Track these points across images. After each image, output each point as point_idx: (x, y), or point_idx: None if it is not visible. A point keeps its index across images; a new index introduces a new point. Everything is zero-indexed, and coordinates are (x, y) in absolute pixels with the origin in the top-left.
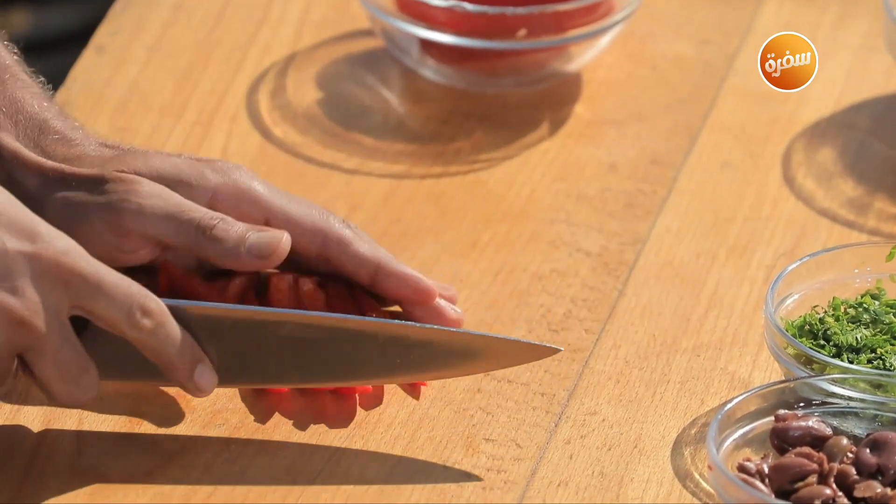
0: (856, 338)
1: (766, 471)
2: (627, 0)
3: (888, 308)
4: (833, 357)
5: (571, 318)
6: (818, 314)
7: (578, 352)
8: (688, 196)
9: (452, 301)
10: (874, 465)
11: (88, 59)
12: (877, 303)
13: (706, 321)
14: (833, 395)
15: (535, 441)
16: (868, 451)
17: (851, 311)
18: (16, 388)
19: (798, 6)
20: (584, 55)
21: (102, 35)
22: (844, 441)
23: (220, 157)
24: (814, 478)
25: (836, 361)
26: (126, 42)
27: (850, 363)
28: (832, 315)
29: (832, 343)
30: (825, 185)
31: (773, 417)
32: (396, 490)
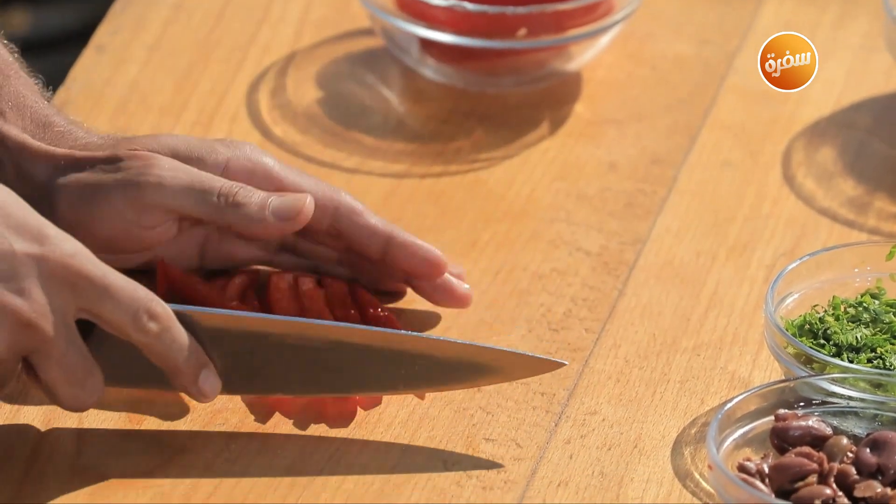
0: (856, 337)
1: (767, 470)
2: (627, 0)
3: (888, 307)
4: (833, 356)
5: (571, 318)
6: (818, 313)
7: (578, 351)
8: (688, 196)
9: (461, 279)
10: (874, 465)
11: (88, 59)
12: (877, 302)
13: (706, 321)
14: (833, 395)
15: (535, 441)
16: (868, 451)
17: (851, 311)
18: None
19: (798, 6)
20: (584, 55)
21: (102, 35)
22: (844, 441)
23: None
24: (814, 477)
25: (836, 361)
26: (126, 42)
27: (850, 362)
28: (832, 314)
29: (832, 342)
30: (825, 185)
31: (773, 417)
32: (396, 490)
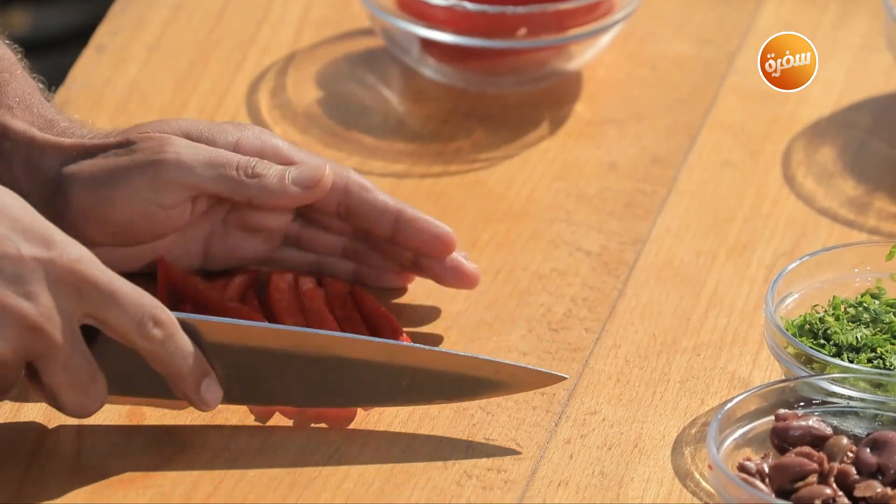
0: (856, 337)
1: (767, 470)
2: (627, 0)
3: (888, 307)
4: (833, 356)
5: (571, 318)
6: (818, 313)
7: (578, 351)
8: (688, 195)
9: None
10: (874, 465)
11: (88, 59)
12: (877, 302)
13: (706, 321)
14: (833, 395)
15: (536, 440)
16: (868, 451)
17: (851, 311)
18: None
19: (798, 6)
20: (585, 54)
21: (102, 35)
22: (844, 440)
23: None
24: (814, 477)
25: (837, 361)
26: (126, 42)
27: (851, 362)
28: (832, 314)
29: (832, 342)
30: (825, 185)
31: (774, 417)
32: (396, 490)
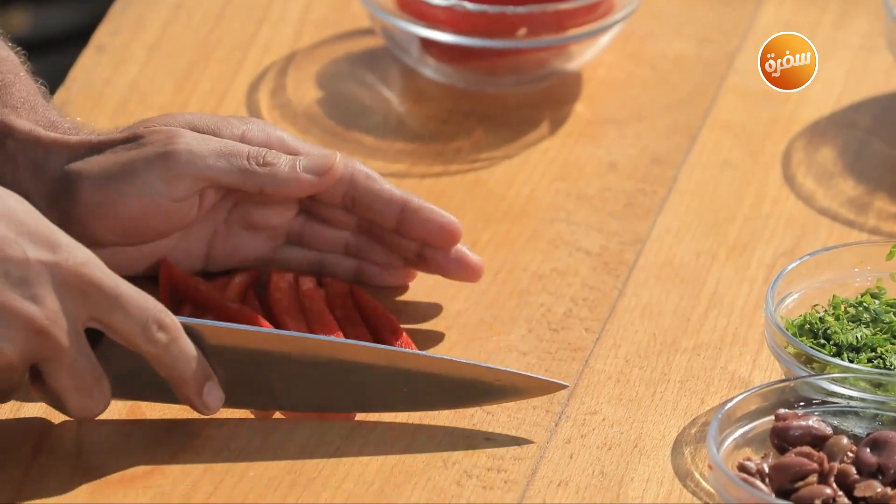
0: (856, 337)
1: (767, 470)
2: (627, 0)
3: (888, 307)
4: (833, 356)
5: (571, 318)
6: (818, 313)
7: (578, 351)
8: (688, 195)
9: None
10: (874, 465)
11: (88, 59)
12: (877, 302)
13: (706, 320)
14: (833, 395)
15: (536, 440)
16: (868, 451)
17: (851, 310)
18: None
19: (798, 6)
20: (585, 54)
21: (102, 35)
22: (845, 440)
23: None
24: (814, 477)
25: (837, 360)
26: (126, 42)
27: (851, 362)
28: (832, 314)
29: (832, 342)
30: (825, 185)
31: (774, 417)
32: (396, 490)
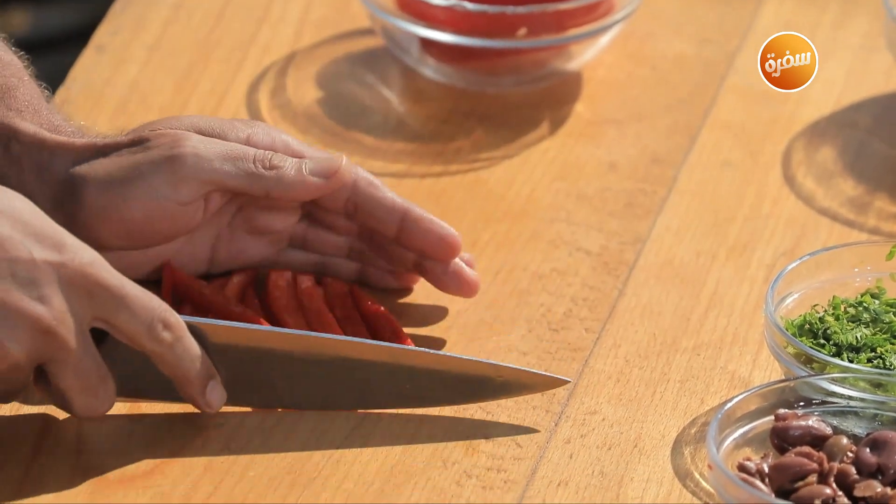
0: (856, 337)
1: (767, 470)
2: (627, 0)
3: (888, 307)
4: (833, 356)
5: (571, 318)
6: (818, 313)
7: (578, 351)
8: (688, 195)
9: (470, 265)
10: (874, 465)
11: (88, 59)
12: (877, 302)
13: (706, 320)
14: (833, 395)
15: (535, 440)
16: (868, 451)
17: (851, 311)
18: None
19: (798, 6)
20: (585, 54)
21: (102, 35)
22: (844, 440)
23: None
24: (814, 477)
25: (836, 360)
26: (126, 41)
27: (850, 362)
28: (832, 314)
29: (832, 342)
30: (825, 185)
31: (774, 417)
32: (396, 490)
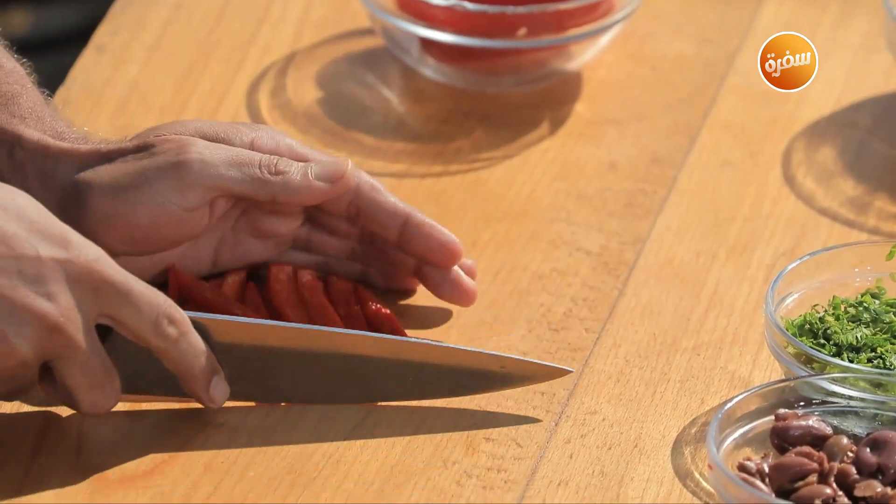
0: (856, 337)
1: (767, 470)
2: (627, 0)
3: (888, 307)
4: (833, 356)
5: (571, 318)
6: (818, 313)
7: (578, 351)
8: (688, 195)
9: (473, 271)
10: (874, 465)
11: (88, 59)
12: (877, 302)
13: (706, 320)
14: (833, 395)
15: (536, 440)
16: (868, 451)
17: (851, 310)
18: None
19: (798, 6)
20: (585, 54)
21: (102, 35)
22: (845, 440)
23: None
24: (814, 477)
25: (837, 360)
26: (126, 41)
27: (851, 362)
28: (832, 314)
29: (832, 342)
30: (825, 185)
31: (774, 416)
32: (396, 490)
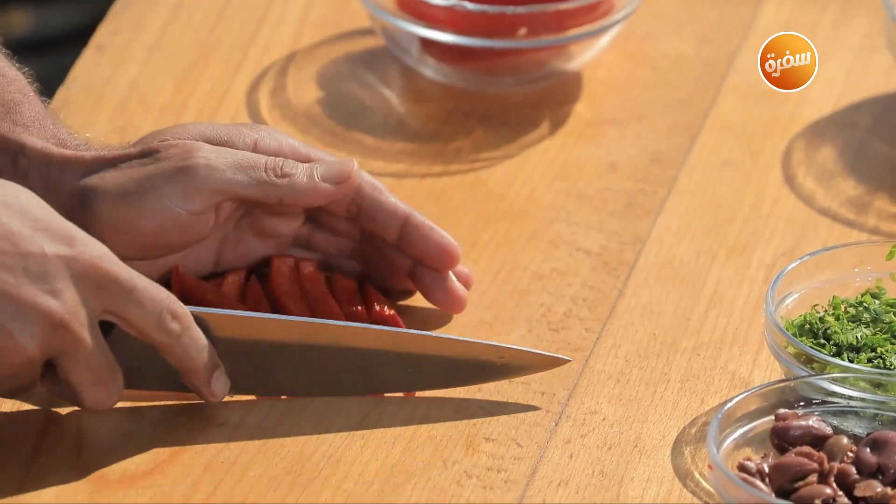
0: (856, 337)
1: (767, 470)
2: (627, 0)
3: (888, 307)
4: (833, 356)
5: (572, 318)
6: (818, 313)
7: (578, 351)
8: (688, 195)
9: (469, 279)
10: (874, 465)
11: (88, 59)
12: (877, 302)
13: (706, 320)
14: (833, 395)
15: (536, 440)
16: (868, 451)
17: (852, 310)
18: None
19: (798, 6)
20: (585, 54)
21: (102, 35)
22: (845, 440)
23: None
24: (814, 477)
25: (837, 360)
26: (126, 42)
27: (851, 362)
28: (832, 314)
29: (832, 342)
30: (825, 185)
31: (774, 416)
32: (396, 490)
